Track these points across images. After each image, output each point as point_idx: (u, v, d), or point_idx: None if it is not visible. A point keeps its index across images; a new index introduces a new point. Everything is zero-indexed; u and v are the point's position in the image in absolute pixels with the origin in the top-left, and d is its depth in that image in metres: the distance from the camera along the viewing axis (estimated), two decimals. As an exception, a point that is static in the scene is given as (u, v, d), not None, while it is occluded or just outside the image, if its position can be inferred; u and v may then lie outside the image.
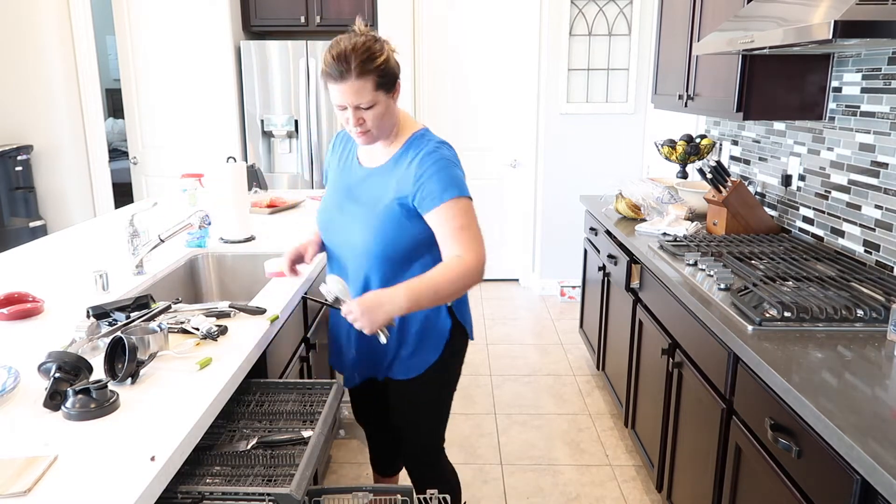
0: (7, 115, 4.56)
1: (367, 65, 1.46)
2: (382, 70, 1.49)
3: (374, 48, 1.48)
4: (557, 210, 4.69)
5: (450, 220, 1.53)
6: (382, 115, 1.54)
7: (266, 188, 3.56)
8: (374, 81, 1.48)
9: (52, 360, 1.26)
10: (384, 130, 1.58)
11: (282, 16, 4.58)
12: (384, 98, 1.52)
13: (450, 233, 1.54)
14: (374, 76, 1.47)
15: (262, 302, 1.79)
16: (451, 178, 1.55)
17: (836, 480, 1.19)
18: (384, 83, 1.50)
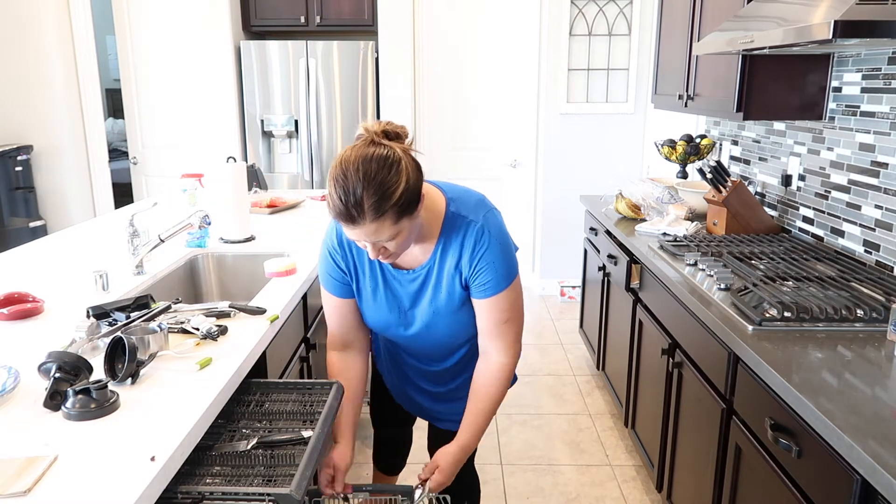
0: (7, 115, 4.56)
1: (384, 203, 1.24)
2: (402, 202, 1.26)
3: (389, 180, 1.24)
4: (557, 210, 4.69)
5: (497, 312, 1.46)
6: (408, 239, 1.35)
7: (266, 188, 3.56)
8: (395, 216, 1.26)
9: (52, 360, 1.25)
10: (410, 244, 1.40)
11: (282, 16, 4.58)
12: (408, 223, 1.31)
13: (495, 324, 1.47)
14: (393, 212, 1.25)
15: (262, 302, 1.79)
16: (507, 262, 1.44)
17: (836, 480, 1.19)
18: (406, 212, 1.28)
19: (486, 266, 1.42)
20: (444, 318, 1.50)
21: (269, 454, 1.30)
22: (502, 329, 1.47)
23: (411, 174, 1.28)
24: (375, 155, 1.25)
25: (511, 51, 4.61)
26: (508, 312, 1.46)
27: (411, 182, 1.27)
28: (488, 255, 1.41)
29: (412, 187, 1.28)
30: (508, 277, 1.44)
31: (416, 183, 1.29)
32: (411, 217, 1.31)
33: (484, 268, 1.42)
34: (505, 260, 1.43)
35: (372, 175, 1.23)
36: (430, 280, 1.48)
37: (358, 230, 1.27)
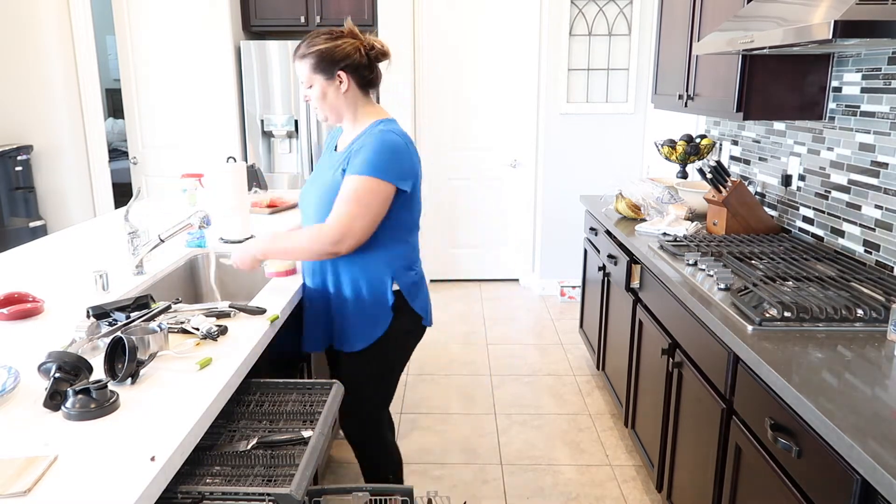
0: (7, 115, 4.56)
1: (308, 48, 1.72)
2: (319, 55, 1.72)
3: (316, 40, 1.73)
4: (557, 210, 4.68)
5: (346, 190, 1.69)
6: (323, 98, 1.76)
7: (266, 188, 3.56)
8: (311, 64, 1.73)
9: (52, 360, 1.25)
10: (333, 112, 1.80)
11: (282, 16, 4.58)
12: (322, 82, 1.74)
13: (339, 200, 1.69)
14: (310, 59, 1.72)
15: (262, 302, 1.79)
16: (380, 159, 1.68)
17: (836, 480, 1.19)
18: (321, 68, 1.73)
19: (361, 153, 1.70)
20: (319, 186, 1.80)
21: (269, 454, 1.30)
22: (337, 205, 1.70)
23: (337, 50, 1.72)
24: (329, 29, 1.78)
25: (511, 51, 4.61)
26: (348, 194, 1.68)
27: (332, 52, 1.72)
28: (367, 147, 1.70)
29: (330, 55, 1.72)
30: (367, 170, 1.67)
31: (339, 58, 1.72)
32: (326, 80, 1.74)
33: (359, 154, 1.70)
34: (374, 157, 1.68)
35: (313, 34, 1.76)
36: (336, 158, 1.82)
37: (293, 64, 1.79)
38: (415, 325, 1.90)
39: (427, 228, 4.90)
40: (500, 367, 3.56)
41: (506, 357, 3.70)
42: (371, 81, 1.80)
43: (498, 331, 4.09)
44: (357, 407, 1.92)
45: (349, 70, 1.74)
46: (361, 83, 1.78)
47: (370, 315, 1.82)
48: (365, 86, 1.80)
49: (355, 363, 1.88)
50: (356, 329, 1.84)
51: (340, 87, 1.75)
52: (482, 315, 4.35)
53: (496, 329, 4.12)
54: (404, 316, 1.85)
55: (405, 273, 1.84)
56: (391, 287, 1.81)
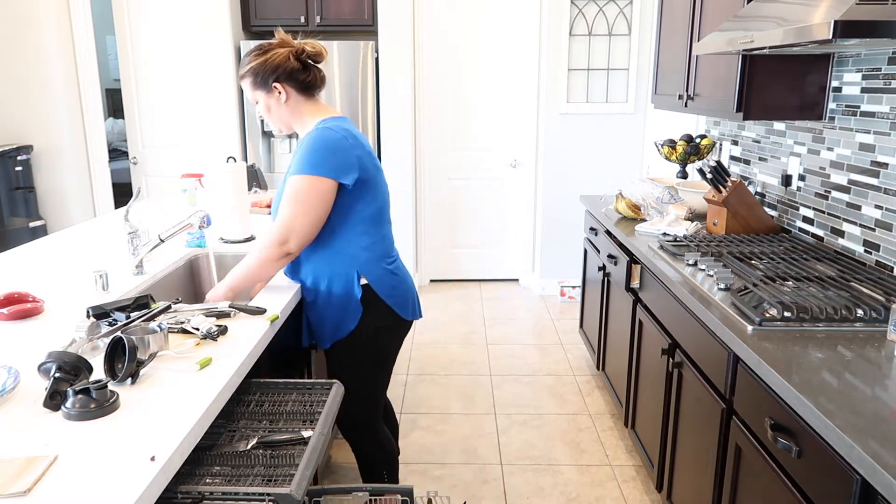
0: (7, 115, 4.56)
1: (243, 68, 1.80)
2: (252, 72, 1.78)
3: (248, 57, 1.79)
4: (557, 210, 4.68)
5: (286, 193, 1.74)
6: (269, 111, 1.83)
7: (266, 188, 3.56)
8: (250, 83, 1.79)
9: (52, 360, 1.25)
10: (282, 123, 1.85)
11: (282, 16, 4.58)
12: (263, 96, 1.81)
13: (281, 203, 1.76)
14: (248, 78, 1.79)
15: (262, 302, 1.79)
16: (314, 156, 1.71)
17: (836, 480, 1.19)
18: (258, 83, 1.79)
19: (298, 154, 1.75)
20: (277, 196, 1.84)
21: (269, 454, 1.30)
22: (280, 208, 1.75)
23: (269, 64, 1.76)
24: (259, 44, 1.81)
25: (511, 51, 4.61)
26: (288, 196, 1.73)
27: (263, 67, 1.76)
28: (303, 146, 1.74)
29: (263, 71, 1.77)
30: (304, 169, 1.71)
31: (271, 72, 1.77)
32: (267, 94, 1.79)
33: (298, 152, 1.75)
34: (311, 155, 1.71)
35: (248, 53, 1.81)
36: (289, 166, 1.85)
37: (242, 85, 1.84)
38: (391, 319, 1.90)
39: (427, 228, 4.90)
40: (500, 367, 3.56)
41: (506, 357, 3.70)
42: (310, 84, 1.83)
43: (498, 331, 4.09)
44: (343, 404, 1.92)
45: (283, 79, 1.78)
46: (300, 88, 1.81)
47: (338, 310, 1.85)
48: (305, 90, 1.82)
49: (333, 359, 1.93)
50: (326, 325, 1.88)
51: (280, 97, 1.80)
52: (482, 315, 4.35)
53: (496, 329, 4.12)
54: (376, 310, 1.86)
55: (375, 266, 1.85)
56: (358, 281, 1.83)
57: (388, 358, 1.97)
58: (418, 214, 4.86)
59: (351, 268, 1.82)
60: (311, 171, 1.71)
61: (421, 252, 4.93)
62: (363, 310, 1.84)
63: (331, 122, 1.79)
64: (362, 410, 1.96)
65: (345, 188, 1.75)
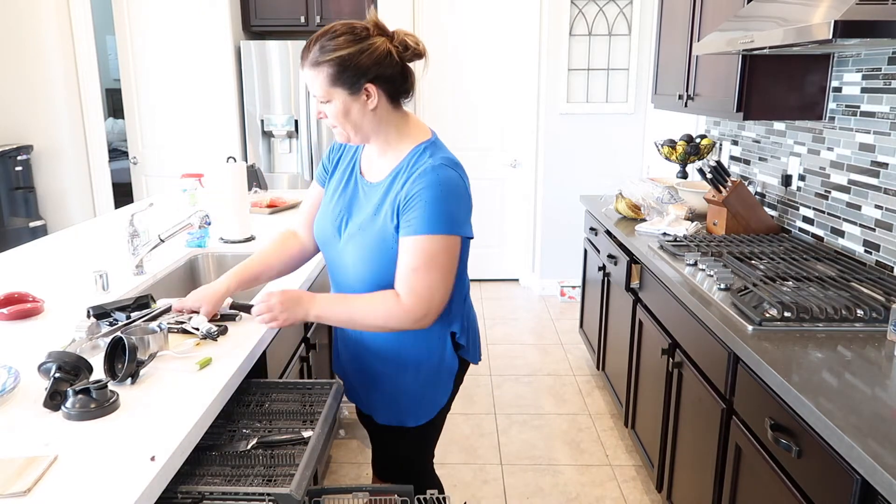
0: (7, 115, 4.56)
1: (322, 55, 1.32)
2: (339, 63, 1.32)
3: (335, 41, 1.32)
4: (557, 210, 4.69)
5: (413, 256, 1.36)
6: (345, 115, 1.38)
7: (266, 188, 3.57)
8: (328, 75, 1.33)
9: (52, 360, 1.25)
10: (359, 133, 1.42)
11: (282, 16, 4.58)
12: (344, 96, 1.35)
13: (406, 269, 1.37)
14: (327, 68, 1.32)
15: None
16: (442, 211, 1.36)
17: (836, 480, 1.19)
18: (342, 80, 1.33)
19: (419, 202, 1.35)
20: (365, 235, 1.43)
21: (269, 454, 1.30)
22: (411, 275, 1.36)
23: (365, 54, 1.33)
24: (349, 24, 1.35)
25: (511, 51, 4.61)
26: (422, 260, 1.35)
27: (358, 58, 1.33)
28: (426, 194, 1.35)
29: (355, 62, 1.32)
30: (436, 227, 1.35)
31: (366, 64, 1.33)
32: (350, 94, 1.35)
33: (416, 203, 1.36)
34: (440, 208, 1.36)
35: (328, 32, 1.34)
36: (373, 195, 1.46)
37: (302, 73, 1.38)
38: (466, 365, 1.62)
39: (427, 228, 4.89)
40: (500, 367, 3.56)
41: (506, 357, 3.70)
42: (405, 91, 1.44)
43: (498, 331, 4.09)
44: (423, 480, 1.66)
45: (380, 82, 1.37)
46: (393, 95, 1.42)
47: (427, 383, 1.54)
48: (397, 97, 1.43)
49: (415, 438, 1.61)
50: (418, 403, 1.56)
51: (368, 103, 1.38)
52: (482, 315, 4.35)
53: (496, 329, 4.12)
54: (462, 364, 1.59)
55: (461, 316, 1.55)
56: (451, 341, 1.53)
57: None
58: (418, 214, 4.85)
59: (444, 327, 1.51)
60: (445, 229, 1.36)
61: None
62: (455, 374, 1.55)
63: (441, 152, 1.45)
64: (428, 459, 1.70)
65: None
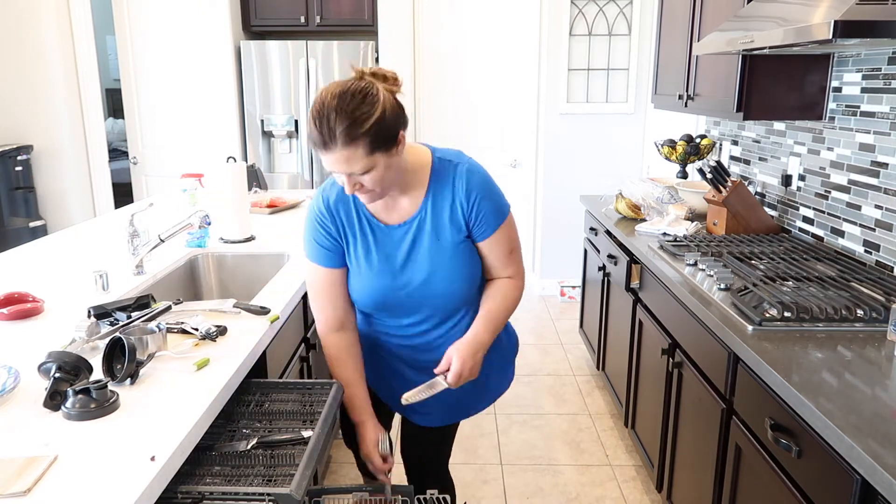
0: (7, 115, 4.56)
1: (355, 130, 1.25)
2: (375, 131, 1.27)
3: (362, 108, 1.26)
4: (557, 210, 4.68)
5: (503, 245, 1.49)
6: (383, 176, 1.34)
7: (266, 188, 3.57)
8: (367, 146, 1.27)
9: (52, 360, 1.25)
10: (390, 186, 1.39)
11: (282, 16, 4.58)
12: (383, 159, 1.31)
13: (503, 256, 1.50)
14: (365, 140, 1.27)
15: (263, 301, 1.78)
16: (496, 198, 1.47)
17: (836, 480, 1.19)
18: (381, 144, 1.29)
19: (484, 202, 1.43)
20: (444, 267, 1.45)
21: (269, 454, 1.29)
22: (510, 259, 1.51)
23: (388, 109, 1.31)
24: (353, 86, 1.30)
25: (511, 51, 4.61)
26: (509, 243, 1.49)
27: (387, 116, 1.30)
28: (483, 190, 1.44)
29: (388, 121, 1.30)
30: (504, 213, 1.47)
31: (394, 119, 1.32)
32: (387, 153, 1.32)
33: (482, 204, 1.43)
34: (497, 193, 1.47)
35: (346, 102, 1.26)
36: (424, 229, 1.45)
37: (331, 156, 1.28)
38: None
39: (427, 228, 4.89)
40: (500, 367, 3.56)
41: (506, 357, 3.69)
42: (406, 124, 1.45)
43: (498, 331, 4.08)
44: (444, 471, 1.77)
45: (404, 127, 1.37)
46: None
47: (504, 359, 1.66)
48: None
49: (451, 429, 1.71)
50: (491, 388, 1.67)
51: (400, 150, 1.36)
52: (482, 315, 4.35)
53: (496, 329, 4.11)
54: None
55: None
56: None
57: None
58: (418, 214, 4.85)
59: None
60: (506, 209, 1.49)
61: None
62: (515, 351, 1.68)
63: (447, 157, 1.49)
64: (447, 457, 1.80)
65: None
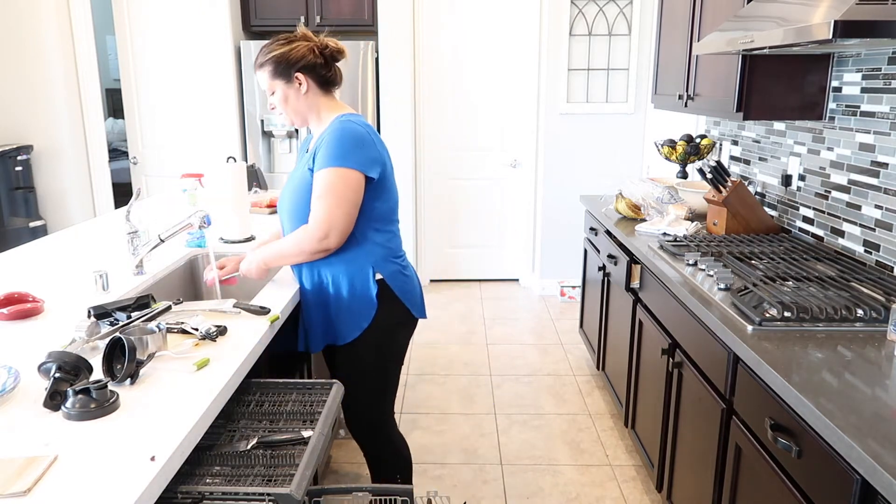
0: (7, 115, 4.56)
1: (264, 56, 1.78)
2: (275, 60, 1.77)
3: (272, 47, 1.78)
4: (557, 210, 4.69)
5: (318, 186, 1.72)
6: (285, 101, 1.81)
7: (266, 188, 3.57)
8: (269, 71, 1.78)
9: (51, 360, 1.25)
10: (298, 115, 1.83)
11: (282, 16, 4.58)
12: (283, 86, 1.79)
13: (314, 198, 1.74)
14: (268, 66, 1.78)
15: (263, 301, 1.78)
16: (337, 150, 1.71)
17: (836, 480, 1.19)
18: (279, 72, 1.78)
19: (323, 146, 1.73)
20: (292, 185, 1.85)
21: (269, 454, 1.30)
22: (314, 203, 1.74)
23: (293, 53, 1.77)
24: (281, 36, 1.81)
25: (511, 51, 4.61)
26: (320, 191, 1.72)
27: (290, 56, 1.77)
28: (328, 138, 1.74)
29: (288, 58, 1.77)
30: (335, 161, 1.71)
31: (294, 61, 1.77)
32: (286, 84, 1.79)
33: (324, 145, 1.73)
34: (339, 147, 1.72)
35: (270, 42, 1.80)
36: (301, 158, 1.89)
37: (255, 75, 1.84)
38: (404, 315, 1.91)
39: (427, 228, 4.90)
40: (500, 367, 3.56)
41: (506, 357, 3.70)
42: (330, 80, 1.84)
43: (498, 331, 4.09)
44: (355, 404, 1.93)
45: (306, 71, 1.78)
46: (320, 82, 1.82)
47: (356, 307, 1.84)
48: (324, 84, 1.83)
49: (347, 357, 1.90)
50: (344, 322, 1.86)
51: (300, 88, 1.79)
52: (482, 315, 4.35)
53: (496, 329, 4.12)
54: (391, 305, 1.87)
55: (387, 263, 1.86)
56: (373, 277, 1.83)
57: (401, 354, 1.97)
58: (418, 214, 4.86)
59: (366, 264, 1.82)
60: (341, 163, 1.71)
61: (421, 252, 4.93)
62: (378, 305, 1.84)
63: (353, 117, 1.80)
64: (377, 409, 1.96)
65: (368, 182, 1.76)
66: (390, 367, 1.95)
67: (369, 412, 1.95)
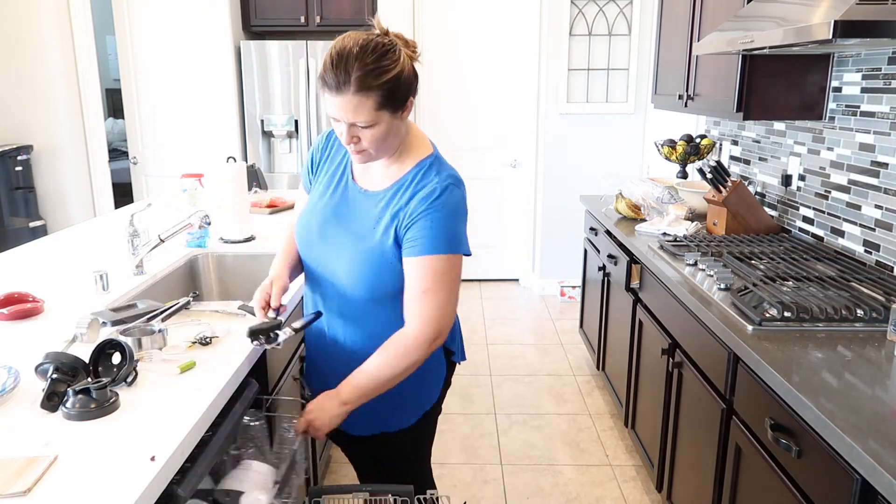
0: (7, 115, 4.56)
1: (372, 79, 1.22)
2: (390, 87, 1.24)
3: (382, 62, 1.22)
4: (557, 210, 4.68)
5: (421, 278, 1.33)
6: (384, 138, 1.30)
7: (266, 188, 3.57)
8: (378, 100, 1.24)
9: (49, 360, 1.25)
10: (384, 151, 1.35)
11: (282, 16, 4.57)
12: (388, 118, 1.27)
13: (414, 292, 1.34)
14: (377, 93, 1.23)
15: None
16: (448, 230, 1.33)
17: (836, 480, 1.19)
18: (390, 102, 1.25)
19: (424, 222, 1.31)
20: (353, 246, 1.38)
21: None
22: (420, 297, 1.33)
23: (405, 71, 1.26)
24: (376, 40, 1.25)
25: (511, 51, 4.61)
26: (430, 282, 1.32)
27: (403, 77, 1.26)
28: (432, 213, 1.31)
29: (402, 82, 1.26)
30: (442, 247, 1.32)
31: (408, 82, 1.28)
32: (393, 114, 1.28)
33: (421, 222, 1.31)
34: (445, 228, 1.32)
35: (368, 52, 1.22)
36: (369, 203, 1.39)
37: (339, 100, 1.24)
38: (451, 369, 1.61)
39: (427, 228, 4.89)
40: (499, 367, 3.56)
41: (506, 357, 3.70)
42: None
43: (498, 331, 4.09)
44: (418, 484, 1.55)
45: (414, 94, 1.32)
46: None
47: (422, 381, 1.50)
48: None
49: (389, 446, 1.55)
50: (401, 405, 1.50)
51: (404, 118, 1.34)
52: (482, 315, 4.35)
53: (496, 329, 4.11)
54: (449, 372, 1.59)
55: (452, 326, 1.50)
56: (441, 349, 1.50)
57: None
58: (418, 214, 4.85)
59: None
60: (455, 248, 1.34)
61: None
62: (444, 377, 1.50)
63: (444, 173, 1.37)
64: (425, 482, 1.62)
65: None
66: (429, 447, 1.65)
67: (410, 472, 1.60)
